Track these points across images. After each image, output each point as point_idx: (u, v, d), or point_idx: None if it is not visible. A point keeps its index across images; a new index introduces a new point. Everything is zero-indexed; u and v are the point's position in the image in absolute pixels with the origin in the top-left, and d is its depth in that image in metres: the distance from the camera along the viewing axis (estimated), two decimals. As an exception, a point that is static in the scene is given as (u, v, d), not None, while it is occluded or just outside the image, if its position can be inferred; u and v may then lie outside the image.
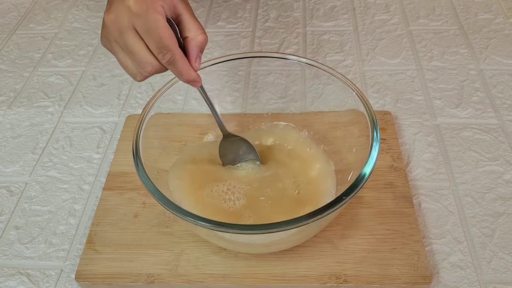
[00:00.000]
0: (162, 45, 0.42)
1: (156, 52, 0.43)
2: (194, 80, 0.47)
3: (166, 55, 0.43)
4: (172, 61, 0.44)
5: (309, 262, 0.50)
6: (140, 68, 0.45)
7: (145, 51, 0.43)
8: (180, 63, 0.44)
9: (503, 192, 0.57)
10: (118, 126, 0.68)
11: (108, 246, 0.53)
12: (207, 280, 0.50)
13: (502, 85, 0.71)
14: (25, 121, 0.70)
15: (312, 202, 0.51)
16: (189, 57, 0.45)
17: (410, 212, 0.54)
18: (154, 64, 0.44)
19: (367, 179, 0.44)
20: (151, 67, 0.44)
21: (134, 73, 0.46)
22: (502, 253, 0.52)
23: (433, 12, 0.86)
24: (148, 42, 0.43)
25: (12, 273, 0.53)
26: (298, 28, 0.84)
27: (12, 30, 0.87)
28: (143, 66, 0.44)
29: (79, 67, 0.79)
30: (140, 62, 0.44)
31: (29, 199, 0.60)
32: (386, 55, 0.78)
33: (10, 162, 0.64)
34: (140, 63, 0.44)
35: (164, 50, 0.43)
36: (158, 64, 0.44)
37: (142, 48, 0.43)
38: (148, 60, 0.44)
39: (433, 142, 0.64)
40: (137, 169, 0.46)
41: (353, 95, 0.52)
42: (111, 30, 0.44)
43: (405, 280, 0.49)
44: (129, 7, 0.42)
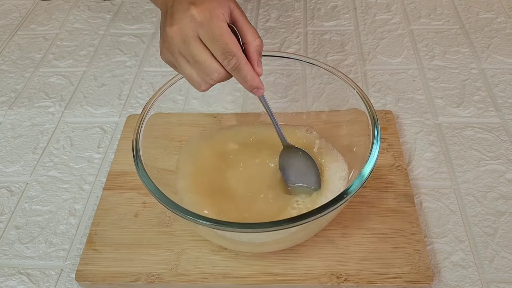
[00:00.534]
0: (228, 51, 0.42)
1: (222, 59, 0.43)
2: (258, 87, 0.46)
3: (232, 60, 0.43)
4: (237, 66, 0.43)
5: (310, 261, 0.50)
6: (206, 76, 0.44)
7: (211, 59, 0.43)
8: (246, 68, 0.44)
9: (505, 191, 0.57)
10: (118, 126, 0.68)
11: (108, 246, 0.53)
12: (208, 279, 0.49)
13: (503, 84, 0.71)
14: (26, 121, 0.70)
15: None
16: (251, 62, 0.45)
17: (412, 211, 0.54)
18: (220, 71, 0.44)
19: (368, 177, 0.44)
20: (217, 74, 0.44)
21: (199, 82, 0.46)
22: (504, 252, 0.52)
23: (434, 12, 0.86)
24: (213, 50, 0.43)
25: (12, 272, 0.52)
26: (299, 28, 0.84)
27: (14, 31, 0.87)
28: (209, 73, 0.44)
29: (80, 68, 0.79)
30: (206, 70, 0.44)
31: (29, 199, 0.60)
32: (387, 55, 0.77)
33: (11, 162, 0.64)
34: (206, 71, 0.44)
35: (229, 55, 0.43)
36: (223, 71, 0.44)
37: (208, 56, 0.43)
38: (214, 67, 0.44)
39: (434, 141, 0.63)
40: (137, 168, 0.46)
41: (354, 93, 0.52)
42: (175, 42, 0.44)
43: (406, 280, 0.48)
44: (193, 16, 0.42)
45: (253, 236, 0.45)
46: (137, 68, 0.78)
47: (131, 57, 0.80)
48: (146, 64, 0.79)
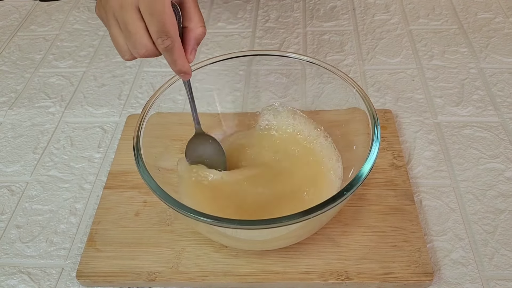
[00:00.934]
0: (164, 30, 0.41)
1: (155, 37, 0.42)
2: (186, 72, 0.45)
3: (166, 41, 0.42)
4: (170, 48, 0.42)
5: (310, 259, 0.50)
6: (133, 48, 0.43)
7: (143, 33, 0.42)
8: (177, 52, 0.43)
9: (504, 189, 0.57)
10: (119, 125, 0.68)
11: (109, 245, 0.53)
12: (208, 277, 0.50)
13: (502, 83, 0.71)
14: (26, 121, 0.70)
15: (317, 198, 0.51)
16: (185, 48, 0.44)
17: (411, 209, 0.54)
18: (149, 48, 0.43)
19: (367, 175, 0.44)
20: (145, 50, 0.43)
21: (124, 51, 0.44)
22: (504, 250, 0.52)
23: (433, 12, 0.86)
24: (149, 24, 0.41)
25: (13, 271, 0.52)
26: (298, 28, 0.84)
27: (14, 32, 0.87)
28: (137, 47, 0.42)
29: (80, 68, 0.79)
30: (135, 43, 0.42)
31: (30, 199, 0.60)
32: (386, 55, 0.78)
33: (11, 162, 0.64)
34: (135, 44, 0.42)
35: (164, 36, 0.41)
36: (152, 48, 0.43)
37: (141, 28, 0.42)
38: (144, 42, 0.42)
39: (433, 140, 0.64)
40: (138, 166, 0.46)
41: (354, 92, 0.52)
42: (112, 3, 0.42)
43: (406, 277, 0.48)
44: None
45: (254, 233, 0.45)
46: (137, 68, 0.78)
47: (131, 58, 0.80)
48: (146, 64, 0.79)
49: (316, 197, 0.51)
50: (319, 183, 0.53)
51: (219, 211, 0.51)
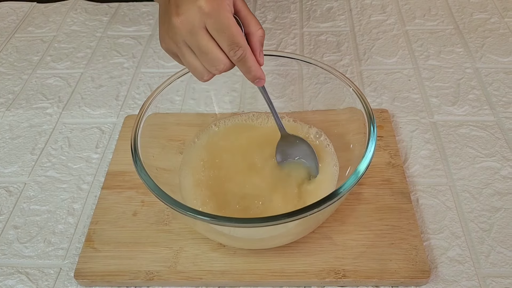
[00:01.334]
0: (234, 42, 0.43)
1: (228, 50, 0.44)
2: (261, 77, 0.47)
3: (238, 52, 0.43)
4: (243, 58, 0.44)
5: (308, 257, 0.51)
6: (211, 66, 0.45)
7: (217, 50, 0.44)
8: (250, 59, 0.45)
9: (500, 188, 0.58)
10: (116, 126, 0.69)
11: (107, 244, 0.53)
12: (206, 276, 0.50)
13: (498, 82, 0.72)
14: (24, 122, 0.70)
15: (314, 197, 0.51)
16: (254, 53, 0.46)
17: (408, 208, 0.54)
18: (226, 62, 0.45)
19: (364, 173, 0.44)
20: (223, 65, 0.45)
21: (202, 73, 0.46)
22: (500, 247, 0.52)
23: (428, 12, 0.87)
24: (220, 41, 0.43)
25: (11, 272, 0.53)
26: (295, 29, 0.85)
27: (11, 34, 0.87)
28: (215, 64, 0.45)
29: (78, 69, 0.79)
30: (212, 61, 0.44)
31: (28, 199, 0.60)
32: (382, 55, 0.78)
33: (9, 162, 0.64)
34: (212, 62, 0.44)
35: (235, 47, 0.43)
36: (229, 62, 0.45)
37: (214, 47, 0.44)
38: (221, 58, 0.44)
39: (430, 139, 0.64)
40: (136, 165, 0.47)
41: (350, 91, 0.53)
42: (181, 32, 0.44)
43: (403, 275, 0.49)
44: (201, 7, 0.42)
45: (251, 231, 0.45)
46: (135, 69, 0.78)
47: (129, 59, 0.80)
48: (143, 65, 0.79)
49: (314, 196, 0.51)
50: (317, 181, 0.53)
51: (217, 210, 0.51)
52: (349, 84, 0.53)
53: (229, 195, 0.53)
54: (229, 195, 0.53)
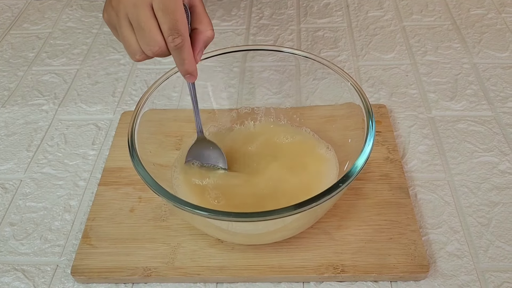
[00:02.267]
0: (176, 28, 0.42)
1: (167, 34, 0.42)
2: (192, 73, 0.46)
3: (177, 39, 0.42)
4: (180, 47, 0.43)
5: (306, 253, 0.50)
6: (146, 46, 0.44)
7: (156, 30, 0.43)
8: (187, 51, 0.44)
9: (498, 182, 0.58)
10: (113, 123, 0.68)
11: (104, 241, 0.52)
12: (204, 272, 0.49)
13: (495, 78, 0.72)
14: (20, 119, 0.69)
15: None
16: (193, 49, 0.45)
17: (406, 203, 0.54)
18: (161, 45, 0.43)
19: (363, 167, 0.44)
20: (158, 47, 0.43)
21: (135, 51, 0.45)
22: (498, 242, 0.52)
23: (426, 8, 0.86)
24: (162, 22, 0.42)
25: (7, 269, 0.52)
26: (292, 25, 0.84)
27: (6, 30, 0.87)
28: (150, 44, 0.43)
29: (74, 66, 0.78)
30: (148, 40, 0.43)
31: (24, 196, 0.59)
32: (380, 50, 0.78)
33: (4, 159, 0.64)
34: (148, 42, 0.43)
35: (176, 33, 0.42)
36: (164, 46, 0.43)
37: (154, 26, 0.42)
38: (157, 39, 0.43)
39: (428, 134, 0.64)
40: (133, 159, 0.46)
41: (348, 85, 0.53)
42: (126, 3, 0.43)
43: (402, 269, 0.49)
44: None
45: (249, 226, 0.45)
46: (131, 65, 0.78)
47: (125, 55, 0.80)
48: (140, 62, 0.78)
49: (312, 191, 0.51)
50: (316, 178, 0.53)
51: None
52: (347, 78, 0.53)
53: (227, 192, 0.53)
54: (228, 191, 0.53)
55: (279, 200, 0.51)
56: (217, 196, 0.52)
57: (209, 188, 0.53)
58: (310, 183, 0.52)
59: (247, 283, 0.50)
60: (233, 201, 0.51)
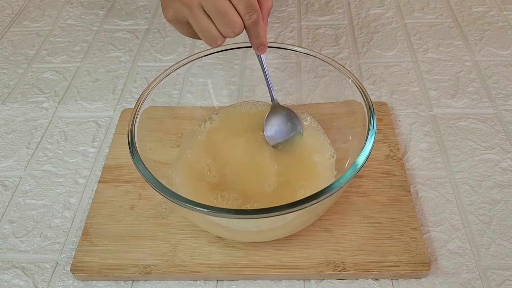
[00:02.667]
0: (251, 5, 0.44)
1: (244, 12, 0.44)
2: (265, 44, 0.49)
3: (253, 15, 0.45)
4: (256, 22, 0.45)
5: (307, 250, 0.50)
6: (227, 29, 0.45)
7: (235, 12, 0.45)
8: (261, 25, 0.46)
9: (500, 180, 0.57)
10: (113, 120, 0.68)
11: (104, 238, 0.52)
12: (204, 270, 0.49)
13: (497, 75, 0.71)
14: (20, 116, 0.69)
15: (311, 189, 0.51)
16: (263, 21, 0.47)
17: (408, 200, 0.54)
18: (241, 25, 0.45)
19: (364, 164, 0.44)
20: (239, 27, 0.45)
21: (216, 37, 0.47)
22: (500, 240, 0.52)
23: (427, 6, 0.86)
24: (236, 3, 0.44)
25: (7, 266, 0.52)
26: (293, 22, 0.84)
27: (6, 28, 0.87)
28: (231, 26, 0.45)
29: (74, 63, 0.78)
30: (229, 22, 0.45)
31: (23, 193, 0.59)
32: (381, 48, 0.78)
33: (4, 157, 0.64)
34: (229, 24, 0.45)
35: (252, 10, 0.45)
36: (243, 25, 0.46)
37: (232, 9, 0.45)
38: (237, 20, 0.45)
39: (429, 132, 0.64)
40: (132, 156, 0.46)
41: (349, 82, 0.52)
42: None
43: (403, 267, 0.48)
44: None
45: (250, 223, 0.44)
46: (131, 63, 0.77)
47: (125, 52, 0.79)
48: (140, 59, 0.78)
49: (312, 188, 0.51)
50: (315, 174, 0.53)
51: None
52: (349, 75, 0.53)
53: (227, 188, 0.52)
54: (227, 187, 0.52)
55: (279, 196, 0.51)
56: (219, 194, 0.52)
57: (211, 186, 0.53)
58: (310, 178, 0.52)
59: (248, 281, 0.50)
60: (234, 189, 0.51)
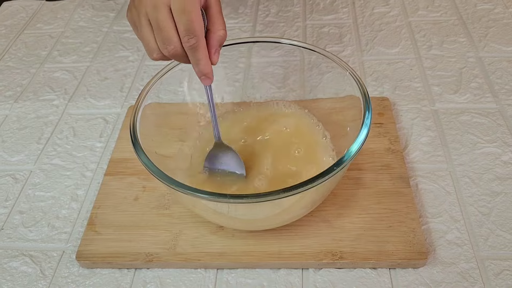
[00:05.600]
0: (191, 29, 0.43)
1: (183, 35, 0.44)
2: (207, 74, 0.46)
3: (191, 40, 0.44)
4: (195, 47, 0.44)
5: (305, 240, 0.51)
6: (162, 44, 0.45)
7: (173, 30, 0.44)
8: (201, 52, 0.45)
9: (500, 173, 0.57)
10: (120, 116, 0.70)
11: (109, 228, 0.54)
12: (204, 258, 0.50)
13: (501, 71, 0.71)
14: (31, 113, 0.72)
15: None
16: (209, 49, 0.46)
17: (407, 192, 0.54)
18: (176, 45, 0.45)
19: (360, 148, 0.45)
20: (173, 47, 0.45)
21: (153, 49, 0.47)
22: (499, 231, 0.52)
23: (432, 4, 0.87)
24: (178, 23, 0.44)
25: (16, 254, 0.54)
26: (298, 21, 0.85)
27: (21, 30, 0.90)
28: (166, 43, 0.45)
29: (84, 63, 0.81)
30: (165, 39, 0.45)
31: (33, 186, 0.61)
32: (385, 45, 0.78)
33: (16, 151, 0.66)
34: (164, 40, 0.45)
35: (191, 34, 0.44)
36: (179, 46, 0.45)
37: (171, 26, 0.44)
38: (173, 39, 0.44)
39: (431, 126, 0.64)
40: (134, 147, 0.47)
41: (346, 74, 0.53)
42: (146, 3, 0.45)
43: (400, 256, 0.49)
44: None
45: (248, 209, 0.45)
46: (139, 62, 0.79)
47: (134, 52, 0.81)
48: (148, 58, 0.80)
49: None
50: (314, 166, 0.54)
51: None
52: (346, 68, 0.53)
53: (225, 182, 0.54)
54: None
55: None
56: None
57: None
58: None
59: (247, 269, 0.50)
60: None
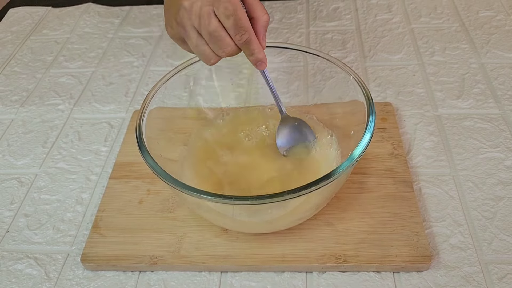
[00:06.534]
0: (241, 26, 0.45)
1: (234, 33, 0.45)
2: (262, 60, 0.49)
3: (244, 35, 0.45)
4: (248, 41, 0.46)
5: (309, 243, 0.51)
6: (219, 49, 0.47)
7: (225, 34, 0.46)
8: (254, 43, 0.47)
9: (504, 177, 0.58)
10: (125, 121, 0.70)
11: (113, 230, 0.54)
12: (209, 261, 0.50)
13: (503, 77, 0.72)
14: (37, 118, 0.72)
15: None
16: (258, 37, 0.48)
17: (410, 196, 0.55)
18: (232, 45, 0.47)
19: (364, 150, 0.45)
20: (230, 48, 0.47)
21: (209, 57, 0.48)
22: (503, 235, 0.52)
23: (434, 11, 0.87)
24: (227, 24, 0.45)
25: (21, 257, 0.54)
26: (301, 28, 0.86)
27: (27, 36, 0.91)
28: (222, 47, 0.46)
29: (89, 68, 0.81)
30: (221, 44, 0.46)
31: (38, 189, 0.61)
32: (388, 52, 0.79)
33: (21, 155, 0.66)
34: (221, 46, 0.46)
35: (242, 30, 0.45)
36: (235, 46, 0.47)
37: (223, 31, 0.46)
38: (228, 41, 0.46)
39: (434, 131, 0.64)
40: (140, 150, 0.48)
41: (350, 79, 0.54)
42: (191, 16, 0.46)
43: (404, 260, 0.49)
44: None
45: (252, 212, 0.46)
46: (144, 67, 0.80)
47: (139, 58, 0.82)
48: (152, 64, 0.81)
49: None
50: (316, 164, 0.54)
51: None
52: (350, 72, 0.54)
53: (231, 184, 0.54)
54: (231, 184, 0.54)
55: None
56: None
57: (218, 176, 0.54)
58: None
59: (251, 272, 0.51)
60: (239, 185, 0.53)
